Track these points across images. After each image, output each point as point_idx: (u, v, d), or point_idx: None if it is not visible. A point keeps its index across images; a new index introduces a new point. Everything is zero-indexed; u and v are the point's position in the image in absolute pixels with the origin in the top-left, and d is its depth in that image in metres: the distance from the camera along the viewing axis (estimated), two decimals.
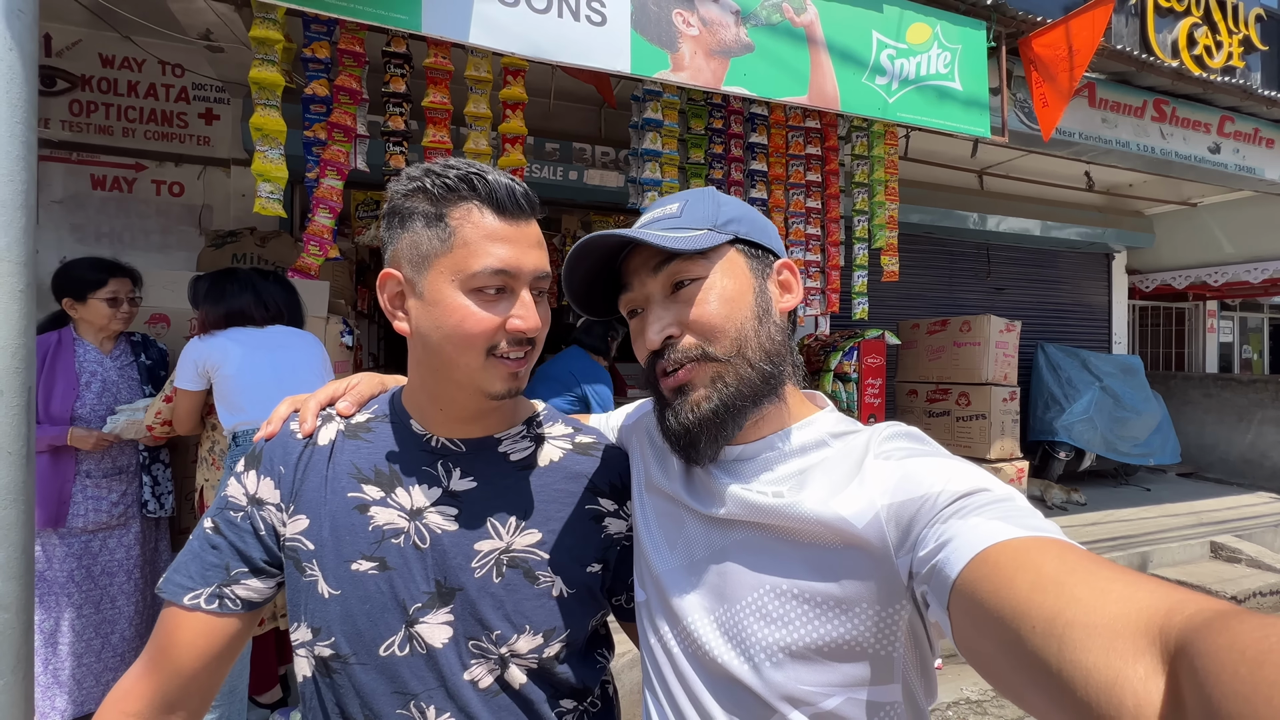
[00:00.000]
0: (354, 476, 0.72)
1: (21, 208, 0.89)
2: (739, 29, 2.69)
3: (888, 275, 4.01)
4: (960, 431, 4.74)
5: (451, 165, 0.68)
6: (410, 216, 0.68)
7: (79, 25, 3.41)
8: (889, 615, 0.58)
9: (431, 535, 0.71)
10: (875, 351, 4.69)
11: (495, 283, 0.66)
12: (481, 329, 0.66)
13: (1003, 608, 0.43)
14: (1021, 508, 0.52)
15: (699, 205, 0.70)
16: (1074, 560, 0.43)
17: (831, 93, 2.86)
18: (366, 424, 0.76)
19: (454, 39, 2.27)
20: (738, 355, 0.65)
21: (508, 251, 0.67)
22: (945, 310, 5.72)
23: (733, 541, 0.67)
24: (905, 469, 0.59)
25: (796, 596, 0.61)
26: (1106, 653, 0.36)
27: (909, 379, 5.23)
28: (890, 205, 3.95)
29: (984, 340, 4.59)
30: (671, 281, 0.67)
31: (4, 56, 0.85)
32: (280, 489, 0.72)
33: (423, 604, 0.69)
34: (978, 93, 3.19)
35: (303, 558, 0.70)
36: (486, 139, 2.98)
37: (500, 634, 0.70)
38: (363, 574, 0.69)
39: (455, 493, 0.73)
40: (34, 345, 0.92)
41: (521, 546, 0.73)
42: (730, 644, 0.64)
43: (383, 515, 0.70)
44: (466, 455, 0.75)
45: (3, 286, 0.86)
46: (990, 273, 6.19)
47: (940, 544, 0.51)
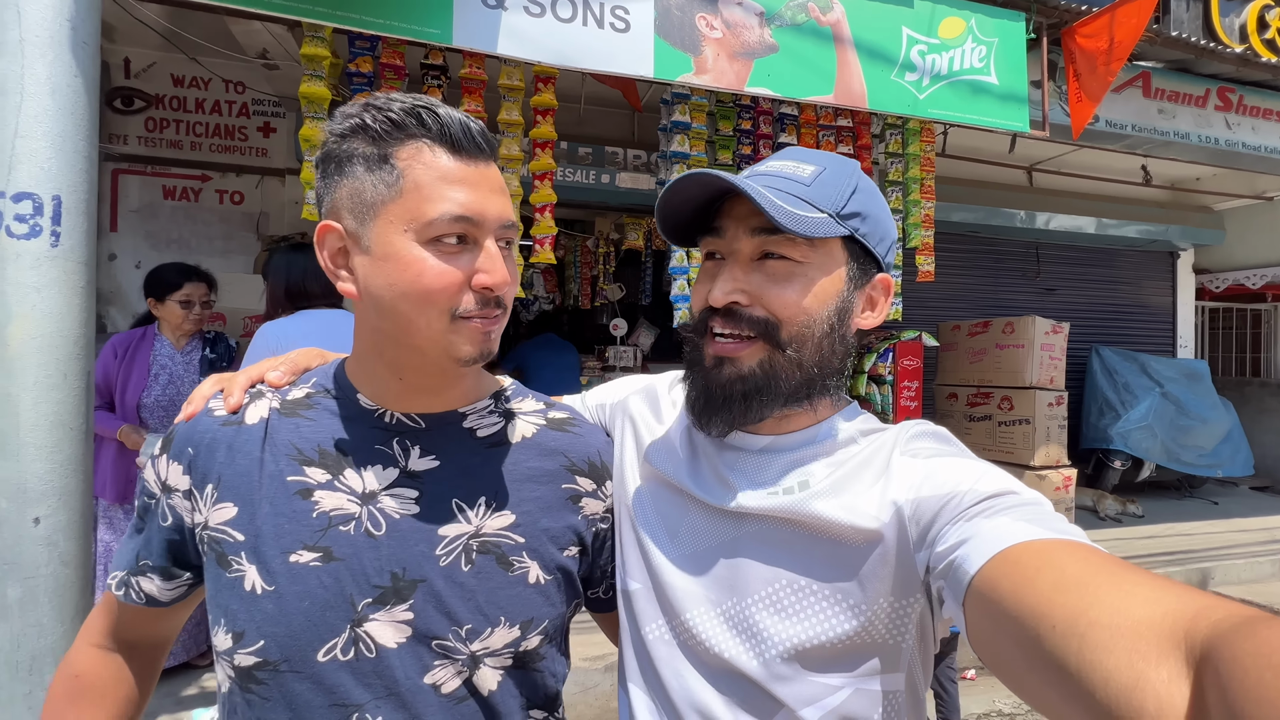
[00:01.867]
0: (294, 458, 0.63)
1: (84, 214, 1.01)
2: (763, 30, 2.71)
3: (923, 275, 3.92)
4: (1002, 436, 4.58)
5: (395, 99, 0.59)
6: (349, 160, 0.59)
7: (154, 49, 3.72)
8: (903, 608, 0.58)
9: (388, 521, 0.63)
10: (912, 353, 4.58)
11: (455, 230, 0.58)
12: (443, 284, 0.58)
13: (1023, 606, 0.42)
14: (1048, 512, 0.51)
15: (833, 182, 0.63)
16: (1098, 562, 0.43)
17: (859, 91, 2.84)
18: (306, 400, 0.67)
19: (483, 50, 2.38)
20: (794, 350, 0.62)
21: (468, 195, 0.59)
22: (991, 311, 5.52)
23: (745, 534, 0.64)
24: (931, 467, 0.58)
25: (814, 592, 0.60)
26: (1129, 654, 0.36)
27: (949, 382, 5.08)
28: (926, 204, 3.87)
29: (1028, 342, 4.41)
30: (764, 250, 0.63)
31: (71, 83, 0.98)
32: (191, 474, 0.63)
33: (373, 599, 0.61)
34: (1015, 86, 3.10)
35: (228, 550, 0.61)
36: (519, 144, 3.09)
37: (472, 628, 0.63)
38: (303, 566, 0.60)
39: (415, 473, 0.65)
40: (93, 335, 1.05)
41: (493, 530, 0.66)
42: (738, 637, 0.62)
43: (329, 500, 0.62)
44: (427, 432, 0.67)
45: (68, 283, 0.99)
46: (1040, 272, 5.93)
47: (961, 540, 0.50)
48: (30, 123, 0.94)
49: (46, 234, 0.95)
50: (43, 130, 0.95)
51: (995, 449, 4.62)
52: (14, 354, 0.93)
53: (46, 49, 0.95)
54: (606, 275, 5.20)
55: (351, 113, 0.60)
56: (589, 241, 5.26)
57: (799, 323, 0.62)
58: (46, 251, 0.96)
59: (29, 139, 0.94)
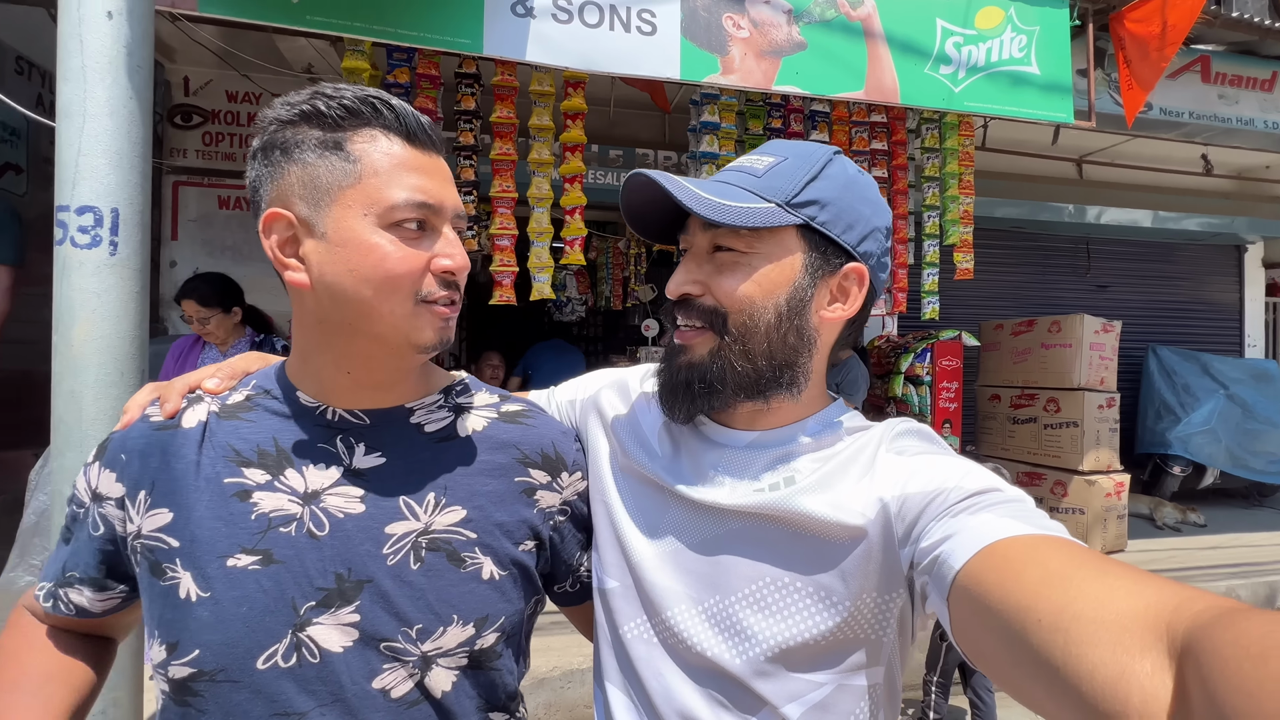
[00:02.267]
0: (232, 460, 0.62)
1: (138, 225, 1.10)
2: (791, 28, 2.69)
3: (961, 273, 3.81)
4: (1048, 440, 4.40)
5: (344, 88, 0.60)
6: (298, 146, 0.58)
7: (210, 68, 3.94)
8: (885, 603, 0.59)
9: (331, 521, 0.61)
10: (951, 353, 4.45)
11: (416, 215, 0.59)
12: (407, 268, 0.58)
13: (1008, 601, 0.43)
14: (1031, 509, 0.52)
15: (789, 172, 0.64)
16: (1082, 557, 0.43)
17: (890, 86, 2.78)
18: (245, 402, 0.66)
19: (513, 58, 2.44)
20: (738, 341, 0.63)
21: (427, 182, 0.60)
22: (1037, 310, 5.31)
23: (728, 531, 0.64)
24: (917, 464, 0.59)
25: (798, 589, 0.60)
26: (1114, 648, 0.36)
27: (991, 383, 4.91)
28: (964, 199, 3.76)
29: (1076, 341, 4.23)
30: (713, 243, 0.64)
31: (126, 104, 1.06)
32: (124, 481, 0.62)
33: (316, 602, 0.59)
34: (1058, 76, 2.99)
35: (162, 558, 0.59)
36: (549, 149, 3.15)
37: (423, 628, 0.61)
38: (241, 570, 0.58)
39: (359, 471, 0.63)
40: (146, 336, 1.13)
41: (443, 526, 0.64)
42: (720, 635, 0.62)
43: (269, 501, 0.60)
44: (372, 428, 0.65)
45: (125, 288, 1.07)
46: (1091, 269, 5.67)
47: (945, 536, 0.51)
48: (91, 142, 1.02)
49: (105, 243, 1.04)
50: (102, 148, 1.03)
51: (1041, 453, 4.44)
52: (78, 353, 1.02)
53: (105, 74, 1.03)
54: (638, 276, 5.23)
55: (298, 100, 0.59)
56: (620, 243, 5.30)
57: (744, 311, 0.63)
58: (105, 259, 1.04)
59: (90, 156, 1.03)
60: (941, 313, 4.22)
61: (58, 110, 1.02)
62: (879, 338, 4.88)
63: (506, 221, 3.18)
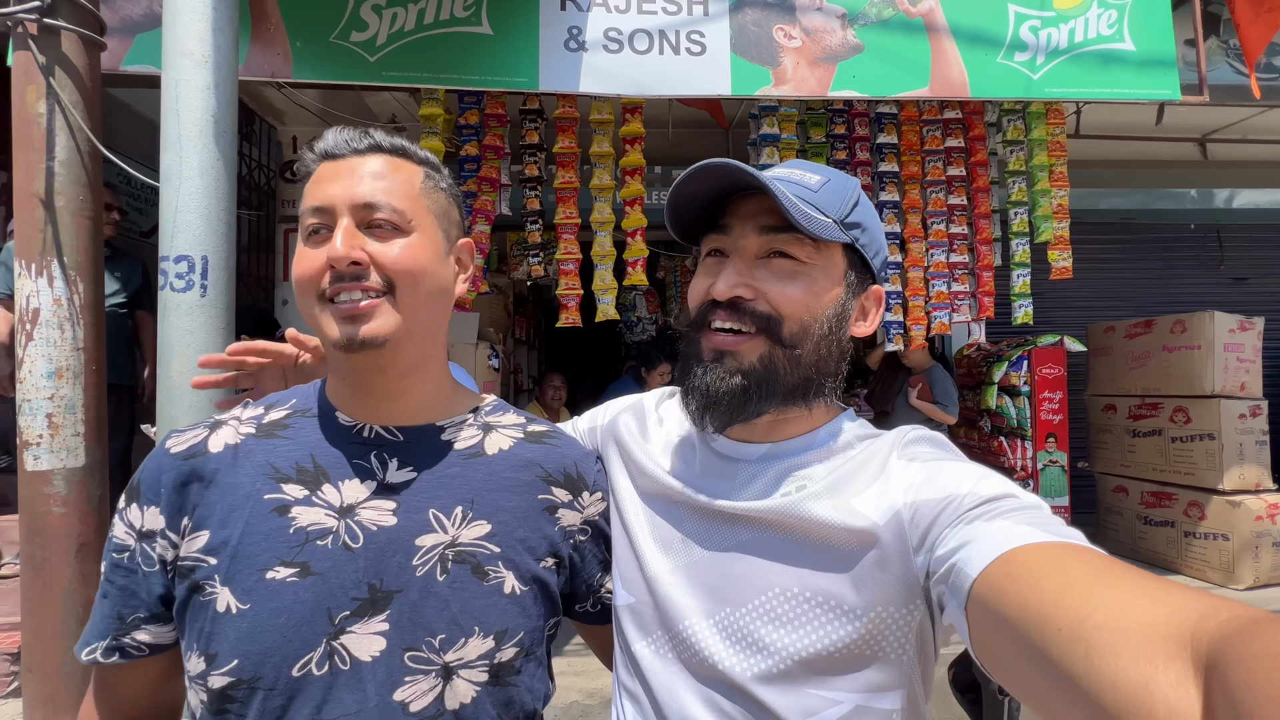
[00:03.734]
0: (271, 477, 0.64)
1: (224, 269, 1.25)
2: (846, 31, 2.63)
3: (1057, 273, 3.49)
4: (1178, 455, 3.87)
5: (341, 131, 0.67)
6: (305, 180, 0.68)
7: (313, 126, 4.42)
8: (902, 617, 0.57)
9: (365, 533, 0.64)
10: (1052, 360, 4.07)
11: (314, 221, 0.63)
12: (301, 270, 0.63)
13: (1027, 610, 0.42)
14: (1048, 516, 0.51)
15: (838, 191, 0.66)
16: (1102, 565, 0.43)
17: (958, 80, 2.64)
18: (283, 421, 0.69)
19: (567, 91, 2.55)
20: (795, 349, 0.63)
21: (324, 188, 0.64)
22: (1157, 308, 4.74)
23: (740, 541, 0.64)
24: (929, 470, 0.58)
25: (810, 599, 0.59)
26: (1136, 658, 0.35)
27: (1104, 391, 4.41)
28: (1058, 193, 3.45)
29: (1205, 343, 3.71)
30: (772, 248, 0.64)
31: (214, 166, 1.22)
32: (165, 512, 0.64)
33: (351, 611, 0.61)
34: (1158, 50, 2.70)
35: (201, 576, 0.61)
36: (610, 174, 3.24)
37: (445, 638, 0.63)
38: (280, 582, 0.61)
39: (392, 485, 0.66)
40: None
41: (469, 539, 0.67)
42: (732, 647, 0.61)
43: (307, 515, 0.63)
44: (405, 445, 0.68)
45: (213, 326, 1.22)
46: (1224, 260, 5.00)
47: (962, 543, 0.50)
48: (185, 200, 1.19)
49: (197, 287, 1.19)
50: (194, 205, 1.19)
51: (1170, 470, 3.92)
52: (175, 384, 1.17)
53: (197, 140, 1.20)
54: None
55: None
56: (688, 261, 5.32)
57: (802, 320, 0.63)
58: (197, 301, 1.20)
59: (185, 213, 1.19)
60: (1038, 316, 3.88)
61: (161, 174, 1.20)
62: (968, 346, 4.55)
63: (571, 246, 3.29)
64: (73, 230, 1.41)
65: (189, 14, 1.18)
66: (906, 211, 3.51)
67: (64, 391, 1.40)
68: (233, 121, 1.25)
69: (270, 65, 2.44)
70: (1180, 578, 3.77)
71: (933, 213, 3.53)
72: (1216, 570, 3.64)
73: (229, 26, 1.23)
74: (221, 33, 1.21)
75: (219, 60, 1.20)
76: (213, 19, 1.19)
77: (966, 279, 3.59)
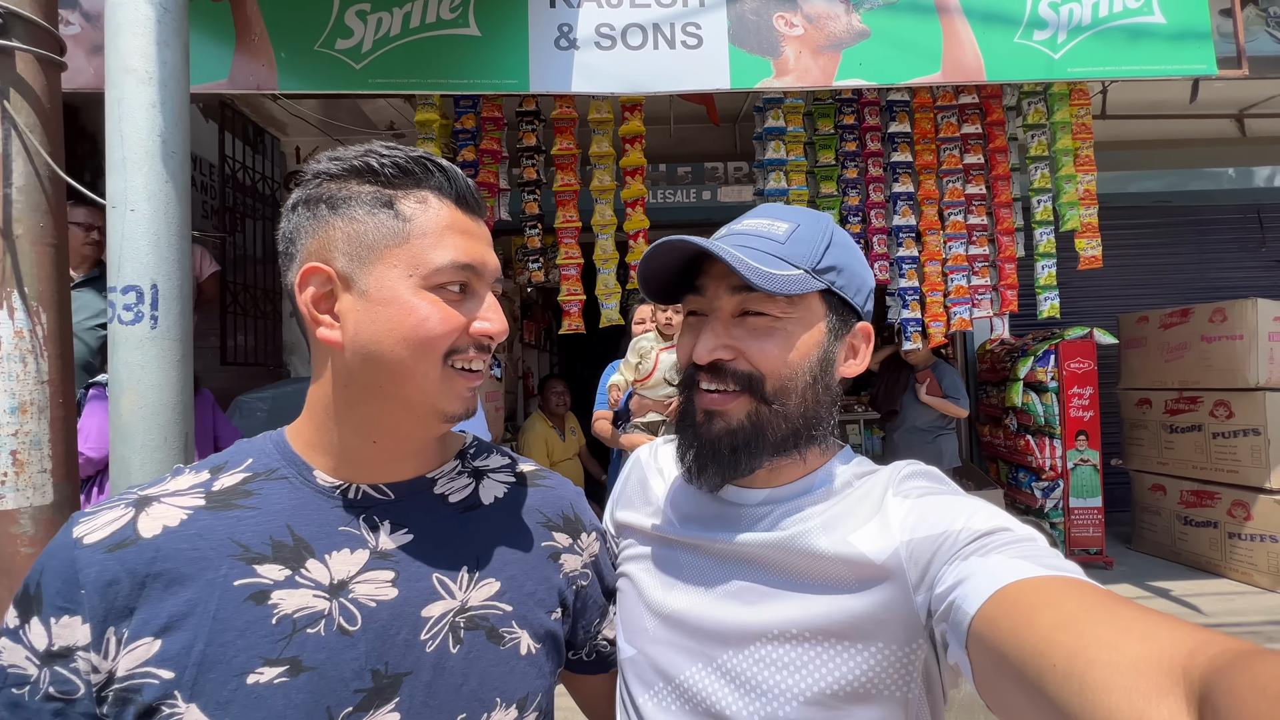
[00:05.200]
0: (240, 558, 0.54)
1: (177, 298, 1.18)
2: (850, 17, 2.49)
3: (1086, 262, 3.29)
4: (1220, 452, 3.65)
5: (396, 148, 0.59)
6: (346, 202, 0.57)
7: (314, 137, 4.40)
8: (905, 655, 0.57)
9: (363, 612, 0.55)
10: (1081, 354, 3.87)
11: (460, 278, 0.58)
12: (447, 329, 0.57)
13: (1023, 647, 0.42)
14: (1043, 549, 0.51)
15: (808, 239, 0.65)
16: (1095, 599, 0.43)
17: (972, 63, 2.48)
18: (241, 487, 0.58)
19: (558, 91, 2.46)
20: (779, 404, 0.64)
21: (471, 245, 0.59)
22: (1193, 296, 4.50)
23: (740, 580, 0.65)
24: (924, 507, 0.59)
25: (809, 639, 0.59)
26: (1129, 693, 0.36)
27: (1137, 385, 4.18)
28: (1084, 178, 3.26)
29: (1248, 332, 3.49)
30: (744, 308, 0.65)
31: (162, 189, 1.15)
32: (89, 620, 0.51)
33: (354, 707, 0.53)
34: (1191, 21, 2.51)
35: (153, 696, 0.50)
36: (610, 175, 3.15)
37: (466, 717, 0.57)
38: (265, 686, 0.51)
39: (387, 552, 0.59)
40: (190, 401, 1.22)
41: (479, 601, 0.60)
42: (736, 692, 0.61)
43: (292, 600, 0.54)
44: (397, 503, 0.61)
45: (166, 359, 1.16)
46: (1266, 242, 4.72)
47: (958, 580, 0.50)
48: (132, 226, 1.12)
49: (147, 319, 1.13)
50: (141, 231, 1.13)
51: (1211, 467, 3.70)
52: (125, 422, 1.11)
53: (142, 162, 1.13)
54: None
55: (349, 156, 0.58)
56: None
57: (782, 376, 0.64)
58: (147, 333, 1.13)
59: (131, 240, 1.12)
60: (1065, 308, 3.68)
61: (107, 199, 1.13)
62: (990, 340, 4.37)
63: (572, 251, 3.20)
64: (33, 259, 1.36)
65: (132, 28, 1.11)
66: (922, 203, 3.35)
67: (29, 427, 1.35)
68: (183, 141, 1.19)
69: (255, 77, 2.39)
70: (1225, 581, 3.55)
71: (950, 203, 3.36)
72: (1265, 574, 3.42)
73: (176, 40, 1.16)
74: (168, 46, 1.14)
75: (165, 76, 1.13)
76: (157, 33, 1.12)
77: (987, 272, 3.41)
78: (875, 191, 3.38)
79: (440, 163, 0.60)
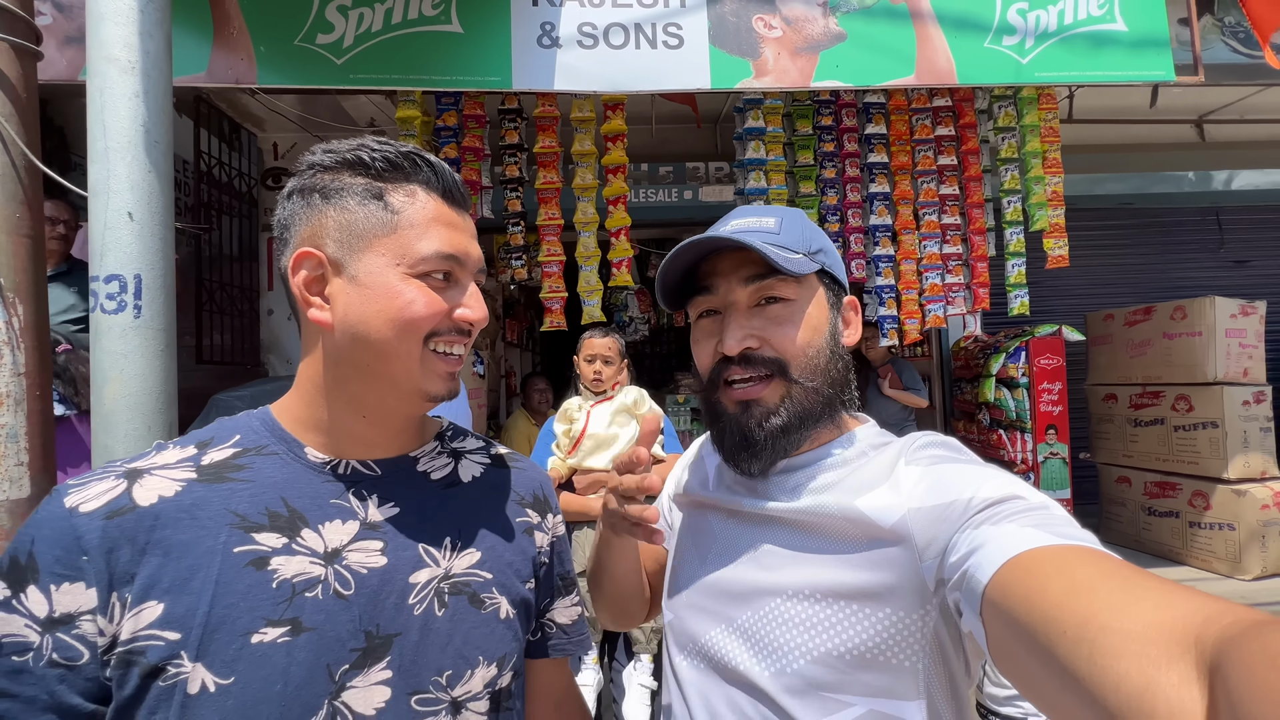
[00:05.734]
0: (238, 527, 0.57)
1: (162, 288, 1.18)
2: (828, 20, 2.55)
3: (1054, 261, 3.41)
4: (1181, 444, 3.79)
5: (387, 143, 0.63)
6: (338, 192, 0.61)
7: (292, 133, 4.35)
8: (914, 622, 0.58)
9: (356, 578, 0.60)
10: (1050, 351, 3.99)
11: (444, 267, 0.62)
12: (429, 312, 0.61)
13: (1034, 613, 0.43)
14: (1058, 516, 0.51)
15: (795, 226, 0.71)
16: (1110, 567, 0.43)
17: (945, 67, 2.55)
18: (233, 461, 0.61)
19: (541, 89, 2.47)
20: (810, 379, 0.68)
21: (455, 236, 0.63)
22: (1158, 294, 4.66)
23: (759, 548, 0.69)
24: (935, 474, 0.60)
25: (820, 599, 0.62)
26: (1139, 659, 0.36)
27: (1104, 380, 4.33)
28: (1052, 179, 3.37)
29: (1206, 328, 3.63)
30: (763, 296, 0.69)
31: (145, 178, 1.15)
32: (93, 585, 0.52)
33: (350, 665, 0.57)
34: (1152, 29, 2.62)
35: (158, 657, 0.52)
36: (592, 173, 3.17)
37: (452, 674, 0.61)
38: (270, 645, 0.54)
39: (375, 523, 0.63)
40: (175, 391, 1.21)
41: (462, 569, 0.66)
42: (752, 651, 0.65)
43: (290, 565, 0.57)
44: (383, 479, 0.66)
45: (150, 349, 1.15)
46: (1224, 243, 4.91)
47: (971, 549, 0.51)
48: (115, 215, 1.12)
49: (130, 308, 1.13)
50: (124, 221, 1.12)
51: (1173, 459, 3.84)
52: (109, 411, 1.11)
53: (126, 152, 1.13)
54: None
55: (342, 149, 0.62)
56: None
57: (806, 355, 0.69)
58: (131, 323, 1.13)
59: (114, 229, 1.12)
60: (1035, 306, 3.81)
61: (89, 189, 1.13)
62: (964, 338, 4.48)
63: (554, 248, 3.22)
64: (9, 250, 1.34)
65: (114, 17, 1.11)
66: (898, 203, 3.43)
67: (5, 419, 1.33)
68: (166, 131, 1.18)
69: (234, 71, 2.37)
70: (1186, 569, 3.69)
71: (924, 203, 3.45)
72: (1223, 561, 3.56)
73: (159, 30, 1.16)
74: (151, 37, 1.14)
75: (148, 66, 1.13)
76: (140, 22, 1.12)
77: (960, 270, 3.51)
78: (852, 191, 3.45)
79: (428, 158, 0.64)
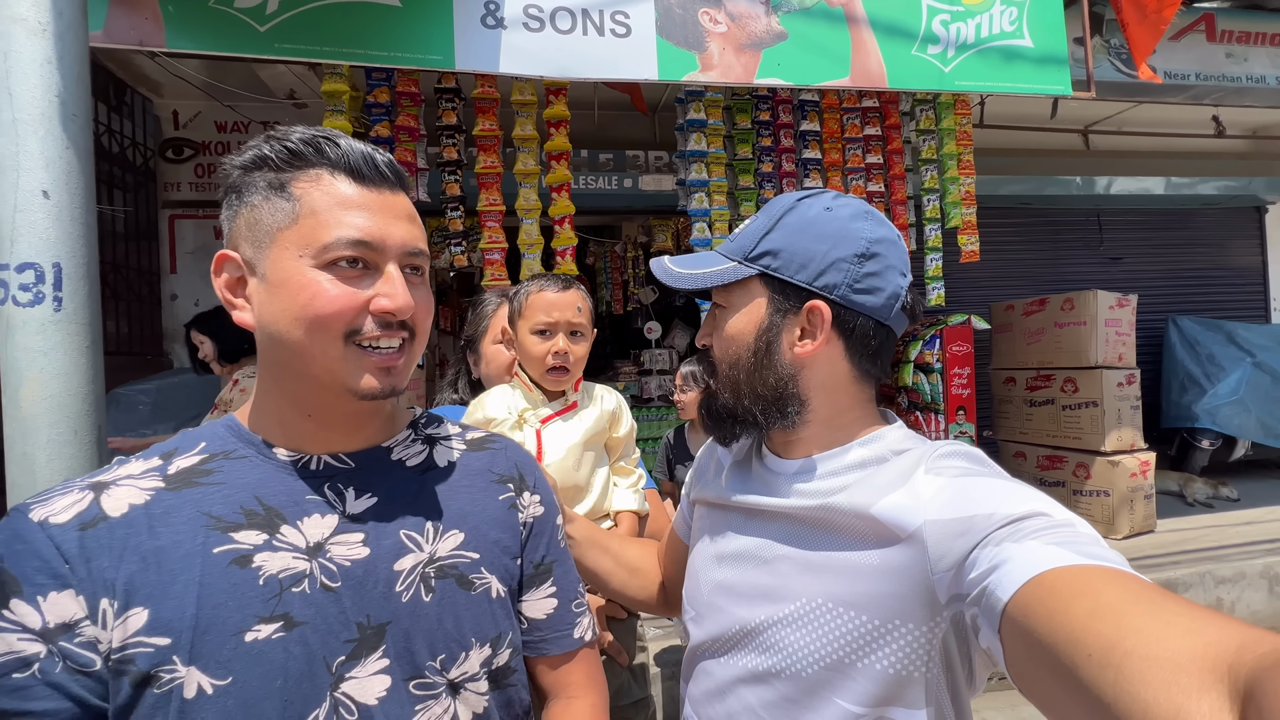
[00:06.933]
0: (214, 528, 0.56)
1: (85, 278, 1.07)
2: (770, 18, 2.62)
3: (967, 256, 3.70)
4: (1068, 422, 4.26)
5: (295, 130, 0.60)
6: (248, 189, 0.59)
7: (197, 100, 3.96)
8: (923, 633, 0.58)
9: (341, 570, 0.59)
10: (960, 339, 4.33)
11: (353, 254, 0.57)
12: (336, 308, 0.57)
13: (1057, 634, 0.42)
14: (1083, 534, 0.50)
15: (754, 230, 0.71)
16: (1137, 589, 0.42)
17: (877, 71, 2.69)
18: (200, 467, 0.60)
19: (485, 71, 2.40)
20: (724, 380, 0.73)
21: (367, 220, 0.58)
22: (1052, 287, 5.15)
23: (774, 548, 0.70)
24: (956, 487, 0.58)
25: (830, 606, 0.62)
26: (1168, 686, 0.35)
27: (1005, 365, 4.77)
28: (965, 180, 3.65)
29: (1090, 318, 4.08)
30: (715, 301, 0.75)
31: (63, 155, 1.03)
32: (83, 594, 0.51)
33: (346, 656, 0.57)
34: (1053, 47, 2.87)
35: (149, 664, 0.51)
36: (534, 159, 3.11)
37: (446, 656, 0.61)
38: (265, 642, 0.54)
39: (355, 515, 0.62)
40: (102, 391, 1.10)
41: (447, 552, 0.65)
42: (764, 653, 0.66)
43: (275, 561, 0.56)
44: (358, 471, 0.64)
45: (73, 345, 1.05)
46: (1104, 241, 5.50)
47: (992, 566, 0.50)
48: (27, 196, 1.00)
49: (49, 300, 1.01)
50: (39, 203, 1.00)
51: (1061, 435, 4.31)
52: (26, 415, 1.00)
53: (38, 125, 1.00)
54: (637, 279, 5.18)
55: (253, 144, 0.60)
56: (617, 247, 5.25)
57: (724, 357, 0.73)
58: (50, 317, 1.01)
59: (27, 212, 1.00)
60: (949, 297, 4.12)
61: None
62: None
63: (495, 235, 3.14)
64: None
65: None
66: None
67: None
68: (84, 102, 1.06)
69: (138, 32, 2.13)
70: None
71: None
72: (1100, 523, 4.04)
73: None
74: None
75: (62, 29, 1.00)
76: None
77: None
78: (789, 186, 3.58)
79: (336, 139, 0.60)
